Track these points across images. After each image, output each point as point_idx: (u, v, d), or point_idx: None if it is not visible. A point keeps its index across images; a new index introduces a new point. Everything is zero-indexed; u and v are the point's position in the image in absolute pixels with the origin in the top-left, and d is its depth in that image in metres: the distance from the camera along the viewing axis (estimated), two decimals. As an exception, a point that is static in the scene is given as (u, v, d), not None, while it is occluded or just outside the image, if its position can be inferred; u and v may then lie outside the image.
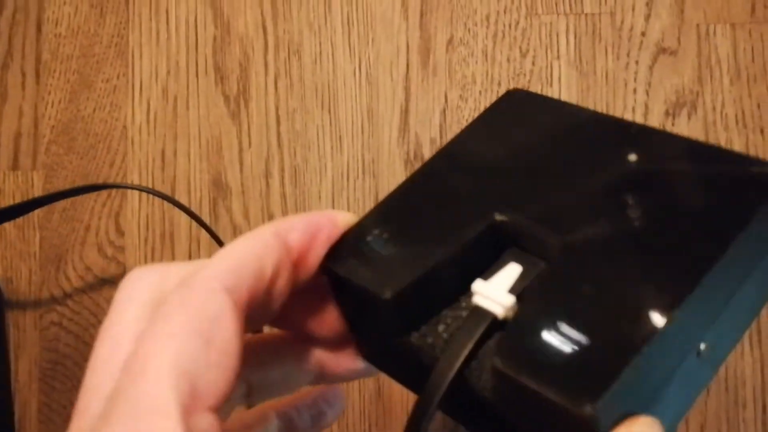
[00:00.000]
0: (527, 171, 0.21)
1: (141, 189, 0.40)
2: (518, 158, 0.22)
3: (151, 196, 0.42)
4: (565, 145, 0.21)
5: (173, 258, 0.42)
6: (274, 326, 0.22)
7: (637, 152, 0.20)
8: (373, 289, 0.18)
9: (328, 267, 0.20)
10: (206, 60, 0.43)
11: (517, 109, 0.23)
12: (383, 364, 0.21)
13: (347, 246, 0.20)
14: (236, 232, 0.42)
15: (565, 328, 0.17)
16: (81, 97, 0.43)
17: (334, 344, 0.22)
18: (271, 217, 0.42)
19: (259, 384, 0.22)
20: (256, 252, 0.18)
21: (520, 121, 0.23)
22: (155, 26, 0.44)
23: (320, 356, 0.22)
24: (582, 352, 0.16)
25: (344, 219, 0.20)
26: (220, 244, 0.40)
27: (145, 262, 0.42)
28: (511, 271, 0.19)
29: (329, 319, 0.21)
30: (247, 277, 0.17)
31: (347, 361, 0.22)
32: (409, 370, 0.20)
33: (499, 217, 0.19)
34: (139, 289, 0.18)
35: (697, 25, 0.43)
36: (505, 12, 0.43)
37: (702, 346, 0.18)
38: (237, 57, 0.43)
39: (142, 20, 0.44)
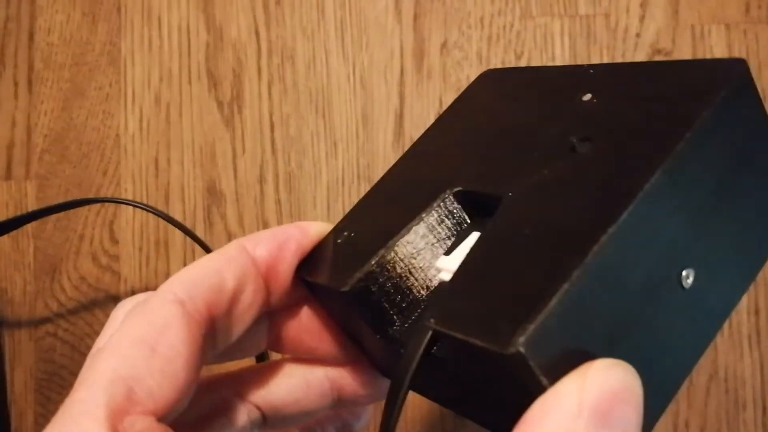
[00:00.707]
0: (487, 142, 0.21)
1: (133, 204, 0.40)
2: (480, 132, 0.21)
3: (144, 201, 0.42)
4: (523, 108, 0.21)
5: (168, 266, 0.42)
6: (276, 351, 0.22)
7: (584, 91, 0.19)
8: (334, 285, 0.18)
9: (298, 275, 0.20)
10: (199, 66, 0.43)
11: (488, 86, 0.23)
12: (388, 370, 0.21)
13: (317, 252, 0.20)
14: (231, 239, 0.41)
15: (492, 274, 0.16)
16: (74, 105, 0.43)
17: (346, 363, 0.21)
18: (266, 224, 0.42)
19: (272, 412, 0.21)
20: (215, 266, 0.19)
21: (487, 96, 0.23)
22: (147, 33, 0.43)
23: (334, 377, 0.22)
24: (511, 294, 0.15)
25: (317, 228, 0.20)
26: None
27: (140, 270, 0.42)
28: (470, 241, 0.19)
29: (328, 336, 0.21)
30: (204, 289, 0.18)
31: (363, 379, 0.21)
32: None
33: (452, 190, 0.19)
34: (123, 311, 0.19)
35: (692, 26, 0.43)
36: (499, 14, 0.43)
37: (686, 275, 0.16)
38: (230, 63, 0.43)
39: (134, 27, 0.43)
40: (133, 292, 0.42)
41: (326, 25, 0.43)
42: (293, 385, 0.21)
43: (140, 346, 0.16)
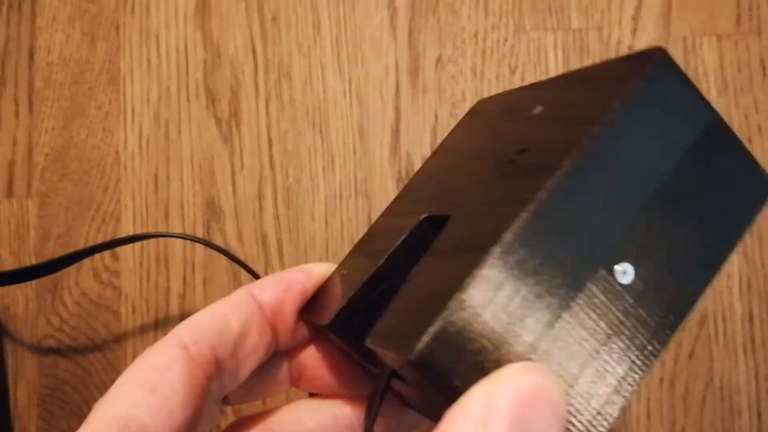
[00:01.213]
0: (454, 169, 0.21)
1: (183, 237, 0.41)
2: (452, 161, 0.22)
3: (143, 219, 0.42)
4: (487, 131, 0.22)
5: (168, 281, 0.42)
6: (300, 388, 0.23)
7: (537, 104, 0.20)
8: (320, 321, 0.19)
9: (300, 316, 0.21)
10: (197, 84, 0.44)
11: (472, 116, 0.24)
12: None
13: (318, 292, 0.21)
14: (231, 253, 0.42)
15: (414, 288, 0.17)
16: (74, 123, 0.44)
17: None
18: (264, 239, 0.42)
19: None
20: (221, 311, 0.20)
21: (467, 127, 0.24)
22: (146, 52, 0.44)
23: (361, 411, 0.22)
24: (424, 304, 0.15)
25: (320, 270, 0.21)
26: (257, 276, 0.40)
27: (141, 285, 0.42)
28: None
29: (346, 371, 0.22)
30: (209, 333, 0.19)
31: (389, 411, 0.22)
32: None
33: (421, 217, 0.20)
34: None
35: (684, 38, 0.43)
36: (492, 29, 0.44)
37: (621, 270, 0.16)
38: (227, 80, 0.44)
39: (132, 46, 0.44)
40: (133, 308, 0.42)
41: (322, 42, 0.44)
42: (321, 421, 0.22)
43: (140, 386, 0.18)
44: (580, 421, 0.15)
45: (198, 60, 0.44)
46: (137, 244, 0.42)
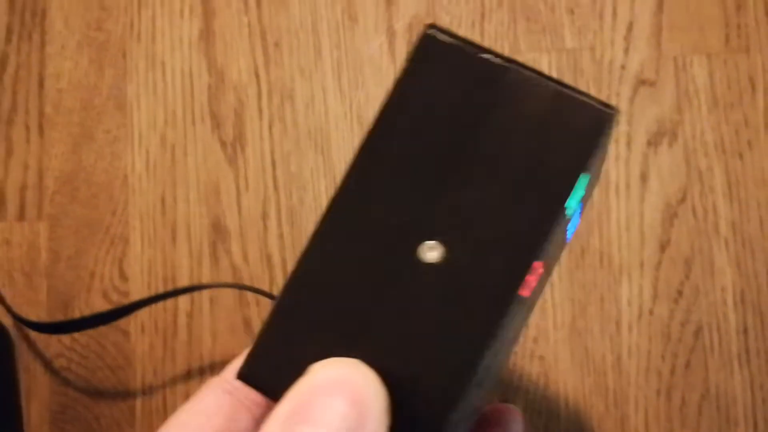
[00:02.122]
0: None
1: (231, 286, 0.42)
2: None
3: (152, 240, 0.44)
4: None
5: (176, 301, 0.43)
6: None
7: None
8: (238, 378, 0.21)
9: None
10: (202, 108, 0.45)
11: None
12: None
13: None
14: (236, 274, 0.43)
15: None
16: (83, 148, 0.45)
17: None
18: (269, 258, 0.44)
19: None
20: (198, 420, 0.20)
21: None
22: (152, 77, 0.45)
23: None
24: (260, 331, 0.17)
25: None
26: (271, 297, 0.41)
27: (149, 305, 0.43)
28: None
29: None
30: None
31: None
32: None
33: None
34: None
35: (674, 57, 0.45)
36: (488, 51, 0.45)
37: (429, 246, 0.16)
38: (232, 104, 0.45)
39: (139, 72, 0.45)
40: (143, 327, 0.43)
41: (323, 66, 0.45)
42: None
43: None
44: (410, 407, 0.15)
45: (203, 84, 0.45)
46: (144, 263, 0.44)
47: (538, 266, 0.16)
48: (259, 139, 0.45)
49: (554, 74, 0.44)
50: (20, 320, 0.42)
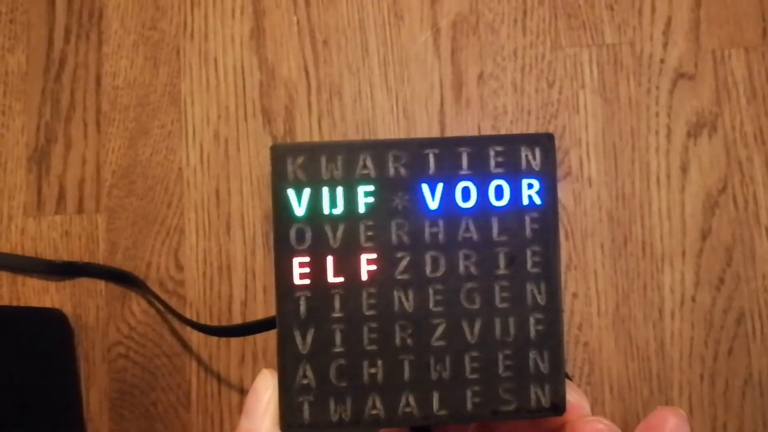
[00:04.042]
0: None
1: None
2: None
3: (206, 231, 0.45)
4: None
5: (231, 289, 0.45)
6: None
7: None
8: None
9: None
10: (254, 104, 0.46)
11: None
12: None
13: None
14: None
15: None
16: (139, 143, 0.47)
17: None
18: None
19: None
20: None
21: None
22: (205, 74, 0.47)
23: None
24: None
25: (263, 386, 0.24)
26: None
27: (204, 294, 0.45)
28: None
29: None
30: None
31: None
32: None
33: None
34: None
35: (713, 51, 0.46)
36: (531, 46, 0.46)
37: None
38: (282, 100, 0.46)
39: (192, 69, 0.47)
40: (198, 315, 0.45)
41: (370, 62, 0.46)
42: None
43: None
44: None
45: (254, 81, 0.47)
46: (200, 254, 0.45)
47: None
48: (308, 133, 0.46)
49: (595, 69, 0.46)
50: (191, 324, 0.43)
